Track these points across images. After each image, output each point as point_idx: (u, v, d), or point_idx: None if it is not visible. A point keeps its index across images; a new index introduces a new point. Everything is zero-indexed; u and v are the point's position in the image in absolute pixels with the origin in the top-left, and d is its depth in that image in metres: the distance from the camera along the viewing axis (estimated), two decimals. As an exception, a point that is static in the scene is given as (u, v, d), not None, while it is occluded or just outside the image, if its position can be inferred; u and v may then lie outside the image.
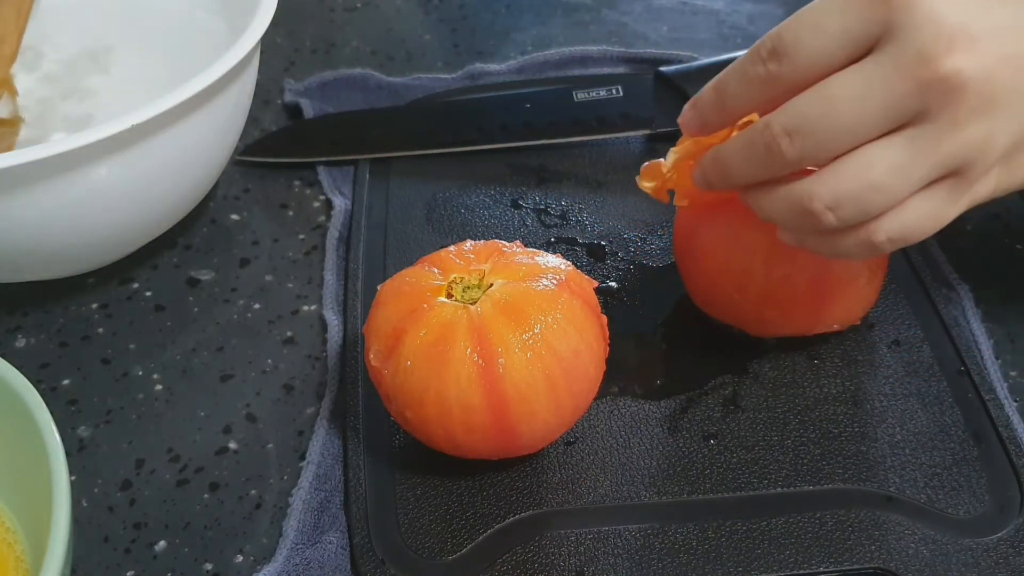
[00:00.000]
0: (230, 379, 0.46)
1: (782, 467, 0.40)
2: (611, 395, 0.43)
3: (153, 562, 0.39)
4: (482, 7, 0.70)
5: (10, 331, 0.48)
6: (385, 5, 0.71)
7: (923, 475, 0.39)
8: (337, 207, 0.53)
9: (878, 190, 0.33)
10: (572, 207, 0.52)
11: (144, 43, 0.57)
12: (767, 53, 0.34)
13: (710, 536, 0.38)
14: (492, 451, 0.38)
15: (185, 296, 0.50)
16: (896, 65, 0.31)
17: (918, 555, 0.37)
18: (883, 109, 0.32)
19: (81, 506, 0.41)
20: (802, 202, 0.34)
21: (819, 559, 0.37)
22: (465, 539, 0.38)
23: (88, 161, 0.41)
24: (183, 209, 0.50)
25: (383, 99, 0.61)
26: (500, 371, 0.35)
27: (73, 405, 0.45)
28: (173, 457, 0.42)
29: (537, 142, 0.55)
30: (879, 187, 0.33)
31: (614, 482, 0.40)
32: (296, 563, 0.38)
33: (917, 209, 0.34)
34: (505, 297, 0.36)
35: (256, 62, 0.50)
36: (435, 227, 0.52)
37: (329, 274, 0.50)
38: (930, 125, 0.32)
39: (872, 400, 0.42)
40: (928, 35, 0.31)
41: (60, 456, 0.32)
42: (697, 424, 0.42)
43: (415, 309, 0.36)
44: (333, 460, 0.41)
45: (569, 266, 0.39)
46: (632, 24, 0.67)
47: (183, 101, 0.42)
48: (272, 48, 0.66)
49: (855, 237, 0.35)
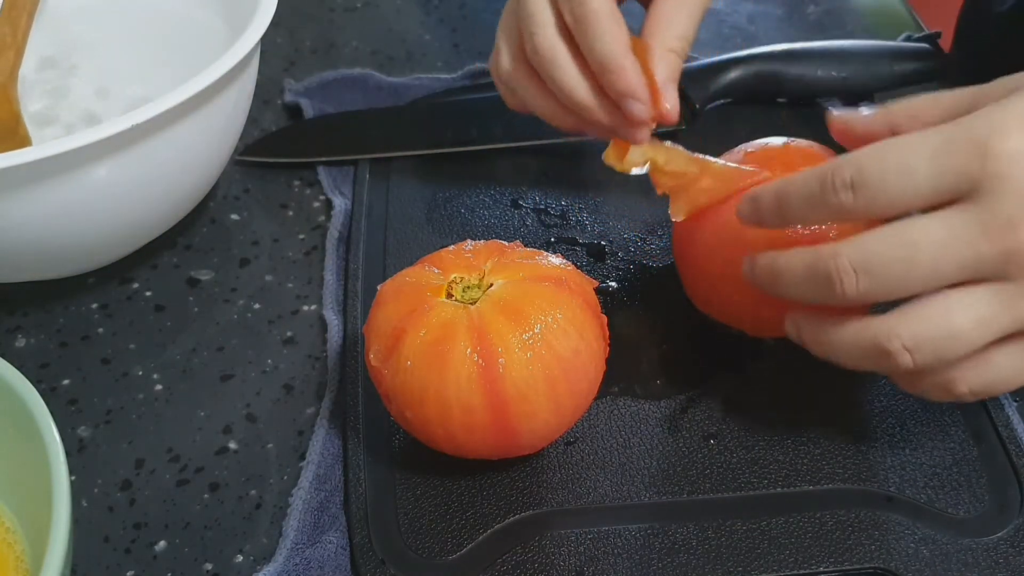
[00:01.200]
0: (230, 379, 0.46)
1: (782, 467, 0.40)
2: (611, 395, 0.43)
3: (153, 562, 0.39)
4: (482, 7, 0.70)
5: (10, 331, 0.48)
6: (385, 5, 0.71)
7: (923, 475, 0.39)
8: (337, 207, 0.53)
9: (957, 338, 0.33)
10: (572, 207, 0.52)
11: (144, 43, 0.57)
12: (844, 184, 0.33)
13: (710, 536, 0.38)
14: (492, 451, 0.38)
15: (185, 296, 0.50)
16: (983, 225, 0.31)
17: (918, 555, 0.37)
18: (961, 264, 0.32)
19: (81, 506, 0.41)
20: (879, 340, 0.33)
21: (819, 559, 0.37)
22: (465, 539, 0.38)
23: (88, 161, 0.41)
24: (183, 209, 0.50)
25: (383, 99, 0.61)
26: (500, 371, 0.35)
27: (73, 405, 0.45)
28: (173, 457, 0.42)
29: (537, 142, 0.55)
30: (959, 335, 0.32)
31: (614, 482, 0.40)
32: (296, 563, 0.38)
33: (1001, 364, 0.34)
34: (505, 297, 0.36)
35: (256, 62, 0.50)
36: (435, 227, 0.52)
37: (329, 274, 0.50)
38: (1011, 285, 0.32)
39: (872, 400, 0.42)
40: (1018, 205, 0.31)
41: (60, 456, 0.32)
42: (697, 424, 0.42)
43: (415, 309, 0.36)
44: (333, 460, 0.41)
45: (569, 266, 0.39)
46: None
47: (183, 101, 0.42)
48: (272, 48, 0.66)
49: (933, 382, 0.35)
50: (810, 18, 0.67)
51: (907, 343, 0.33)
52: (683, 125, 0.55)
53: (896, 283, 0.33)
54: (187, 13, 0.56)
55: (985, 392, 0.34)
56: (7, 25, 0.50)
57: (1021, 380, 0.34)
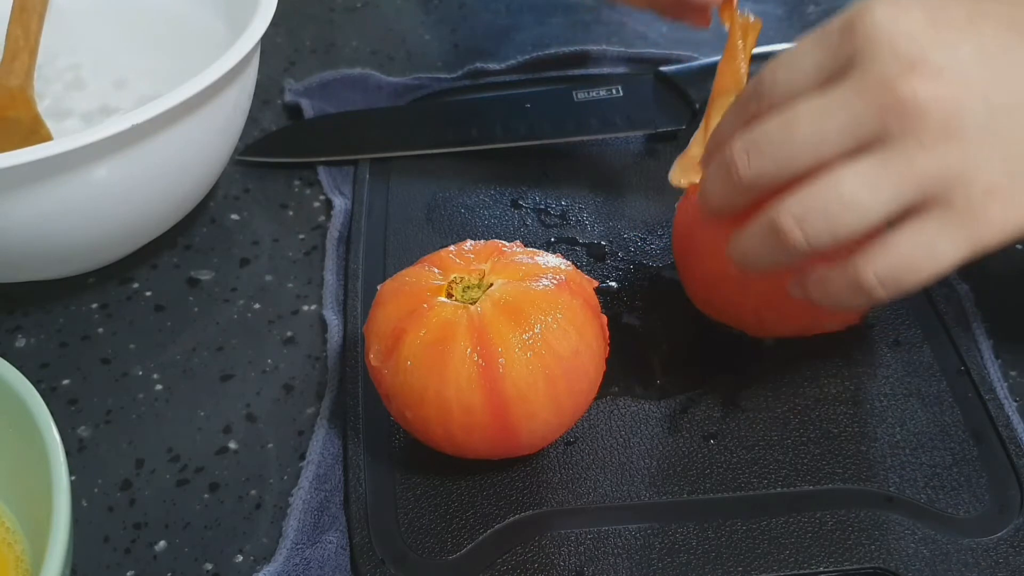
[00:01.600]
0: (230, 379, 0.46)
1: (782, 467, 0.40)
2: (611, 395, 0.43)
3: (153, 562, 0.39)
4: (482, 7, 0.70)
5: (10, 331, 0.48)
6: (385, 5, 0.71)
7: (923, 475, 0.39)
8: (337, 207, 0.53)
9: (847, 205, 0.32)
10: (572, 207, 0.52)
11: (144, 43, 0.57)
12: (751, 94, 0.36)
13: (710, 536, 0.38)
14: (492, 451, 0.38)
15: (185, 296, 0.50)
16: (856, 88, 0.32)
17: (918, 555, 0.37)
18: (841, 127, 0.32)
19: (81, 506, 0.41)
20: (771, 217, 0.34)
21: (819, 559, 0.37)
22: (465, 539, 0.38)
23: (88, 161, 0.41)
24: (183, 209, 0.50)
25: (383, 99, 0.61)
26: (500, 371, 0.35)
27: (73, 405, 0.45)
28: (173, 457, 0.42)
29: (537, 142, 0.55)
30: (848, 202, 0.32)
31: (614, 482, 0.40)
32: (296, 563, 0.38)
33: (904, 244, 0.33)
34: (505, 297, 0.36)
35: (256, 62, 0.51)
36: (435, 227, 0.52)
37: (329, 274, 0.50)
38: (896, 145, 0.32)
39: (872, 400, 0.42)
40: (887, 61, 0.32)
41: (60, 456, 0.32)
42: (697, 424, 0.42)
43: (415, 309, 0.36)
44: (333, 460, 0.41)
45: (569, 266, 0.39)
46: (632, 24, 0.67)
47: (183, 101, 0.42)
48: (272, 48, 0.66)
49: (843, 276, 0.34)
50: (810, 18, 0.67)
51: (796, 213, 0.33)
52: (683, 125, 0.55)
53: (784, 156, 0.33)
54: (187, 13, 0.56)
55: (894, 281, 0.33)
56: (19, 28, 0.51)
57: (934, 264, 0.33)
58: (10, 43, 0.51)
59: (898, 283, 0.33)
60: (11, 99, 0.50)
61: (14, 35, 0.51)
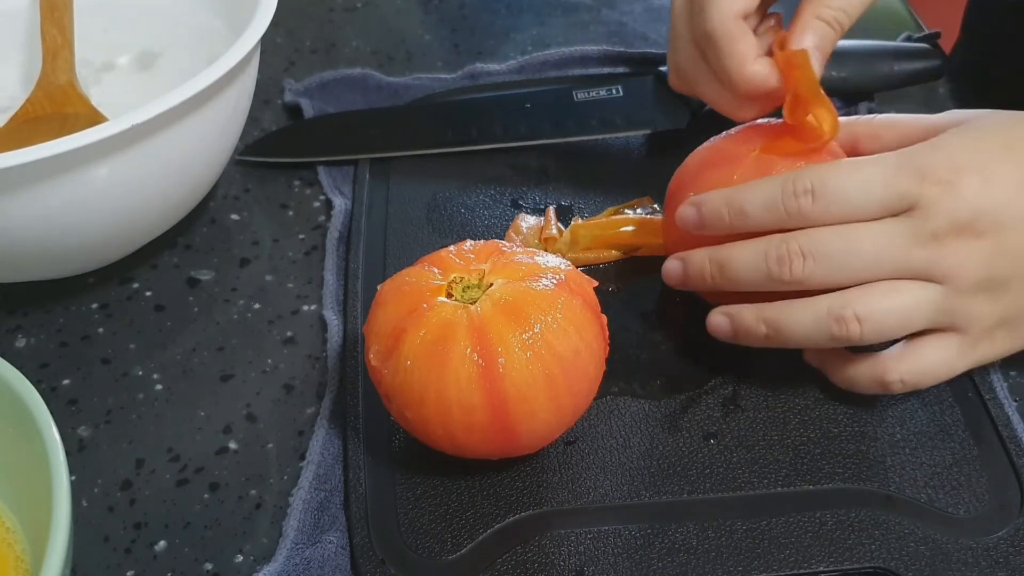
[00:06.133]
0: (230, 379, 0.46)
1: (782, 467, 0.40)
2: (611, 395, 0.43)
3: (153, 562, 0.39)
4: (482, 7, 0.70)
5: (10, 331, 0.48)
6: (385, 5, 0.71)
7: (923, 475, 0.39)
8: (337, 207, 0.53)
9: (900, 315, 0.38)
10: (572, 207, 0.52)
11: (144, 43, 0.57)
12: (805, 190, 0.38)
13: (710, 536, 0.38)
14: (492, 451, 0.38)
15: (185, 296, 0.50)
16: (915, 235, 0.37)
17: (918, 555, 0.37)
18: (895, 261, 0.37)
19: (81, 506, 0.41)
20: (835, 309, 0.38)
21: (819, 559, 0.37)
22: (465, 539, 0.38)
23: (88, 161, 0.41)
24: (183, 209, 0.50)
25: (383, 99, 0.61)
26: (500, 371, 0.35)
27: (73, 405, 0.45)
28: (173, 457, 0.42)
29: (537, 142, 0.55)
30: (901, 313, 0.38)
31: (614, 482, 0.40)
32: (296, 563, 0.38)
33: (929, 354, 0.39)
34: (505, 297, 0.36)
35: (256, 62, 0.51)
36: (435, 227, 0.52)
37: (329, 274, 0.50)
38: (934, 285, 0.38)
39: (872, 400, 0.42)
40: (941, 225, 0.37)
41: (60, 456, 0.32)
42: (697, 424, 0.42)
43: (415, 309, 0.36)
44: (333, 460, 0.41)
45: (569, 266, 0.39)
46: (632, 24, 0.67)
47: (183, 101, 0.42)
48: (272, 48, 0.66)
49: (869, 370, 0.40)
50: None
51: (859, 312, 0.37)
52: (683, 125, 0.55)
53: (838, 270, 0.38)
54: (188, 14, 0.56)
55: (914, 384, 0.39)
56: (54, 27, 0.52)
57: (945, 375, 0.39)
58: (48, 42, 0.51)
59: (916, 385, 0.40)
60: (65, 95, 0.50)
61: (51, 34, 0.51)
